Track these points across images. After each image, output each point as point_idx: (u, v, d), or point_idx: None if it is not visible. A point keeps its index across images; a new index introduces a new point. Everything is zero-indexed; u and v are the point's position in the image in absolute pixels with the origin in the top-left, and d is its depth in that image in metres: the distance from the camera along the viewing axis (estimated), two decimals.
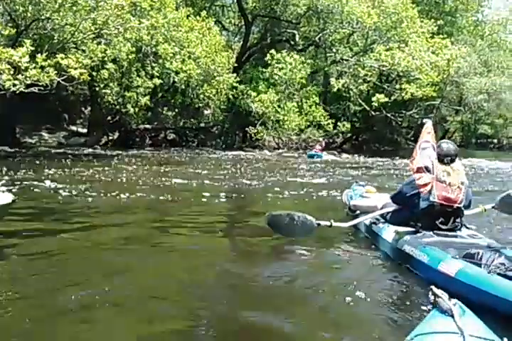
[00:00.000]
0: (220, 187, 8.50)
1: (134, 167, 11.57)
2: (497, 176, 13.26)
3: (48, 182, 7.85)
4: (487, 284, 2.80)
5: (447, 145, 3.97)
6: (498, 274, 2.84)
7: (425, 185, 3.87)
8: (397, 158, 18.78)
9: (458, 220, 3.91)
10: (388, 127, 28.03)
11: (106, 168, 11.07)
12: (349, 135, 27.14)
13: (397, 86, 21.20)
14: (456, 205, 3.84)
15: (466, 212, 4.16)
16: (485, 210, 4.80)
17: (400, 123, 27.13)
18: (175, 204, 6.79)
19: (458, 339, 1.64)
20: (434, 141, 4.19)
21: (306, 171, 12.65)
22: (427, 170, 3.94)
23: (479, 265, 3.01)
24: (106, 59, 14.69)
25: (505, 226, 5.35)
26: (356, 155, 20.94)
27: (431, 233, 3.76)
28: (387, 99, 20.69)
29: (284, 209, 4.62)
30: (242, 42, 24.53)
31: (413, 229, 3.90)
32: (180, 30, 16.09)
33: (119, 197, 6.78)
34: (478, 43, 26.15)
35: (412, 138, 30.20)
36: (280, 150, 22.06)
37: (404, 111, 24.75)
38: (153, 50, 16.21)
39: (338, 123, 22.64)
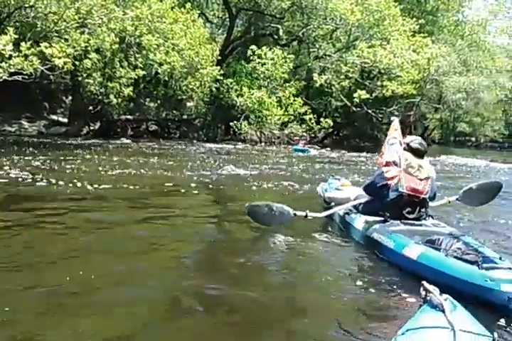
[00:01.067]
0: (200, 179, 8.63)
1: (115, 158, 11.61)
2: (472, 173, 13.68)
3: (21, 171, 7.87)
4: (444, 266, 3.11)
5: (420, 142, 4.30)
6: (455, 257, 3.15)
7: (392, 178, 4.15)
8: (376, 153, 19.11)
9: (423, 210, 4.19)
10: (369, 123, 28.42)
11: (87, 158, 11.13)
12: (330, 130, 27.47)
13: (379, 83, 21.58)
14: (422, 196, 4.13)
15: (432, 204, 4.49)
16: (449, 202, 5.17)
17: (380, 119, 27.52)
18: (153, 194, 6.89)
19: (449, 334, 1.64)
20: (401, 137, 4.49)
21: (287, 165, 12.86)
22: (395, 164, 4.23)
23: (439, 249, 3.31)
24: (89, 49, 14.61)
25: (466, 216, 5.70)
26: (336, 151, 21.23)
27: (398, 222, 4.04)
28: (368, 96, 21.02)
29: (262, 201, 4.85)
30: (225, 35, 24.56)
31: (382, 219, 4.17)
32: (165, 22, 16.06)
33: (94, 186, 6.81)
34: (458, 43, 26.64)
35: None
36: (262, 145, 22.23)
37: (384, 108, 25.12)
38: (137, 41, 16.17)
39: (321, 120, 22.88)
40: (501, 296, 2.70)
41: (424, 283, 2.00)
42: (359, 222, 4.39)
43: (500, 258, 3.13)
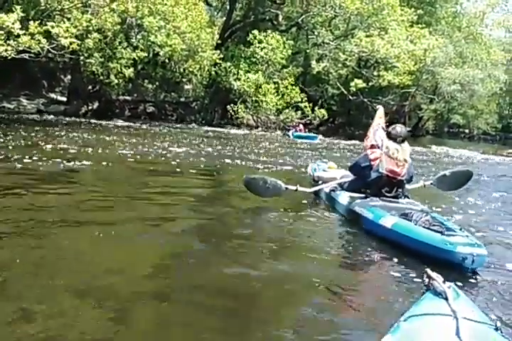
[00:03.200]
0: (196, 159, 9.02)
1: (113, 137, 11.93)
2: (461, 162, 14.17)
3: (21, 150, 8.17)
4: (414, 233, 3.70)
5: (400, 129, 4.71)
6: (424, 227, 3.73)
7: (375, 159, 4.65)
8: None
9: (400, 190, 4.70)
10: (364, 112, 28.69)
11: (85, 137, 11.45)
12: (325, 118, 27.79)
13: (375, 72, 21.83)
14: (399, 177, 4.62)
15: (408, 186, 5.03)
16: (424, 186, 5.75)
17: (375, 108, 27.85)
18: (150, 172, 7.21)
19: (451, 322, 1.64)
20: (384, 124, 5.10)
21: (280, 148, 13.27)
22: (378, 147, 4.73)
23: (410, 220, 3.89)
24: (91, 28, 14.78)
25: (437, 198, 6.32)
26: (330, 138, 21.59)
27: (377, 198, 4.57)
28: (364, 85, 21.32)
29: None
30: (225, 19, 24.66)
31: (363, 195, 4.71)
32: (166, 4, 16.24)
33: (90, 165, 7.07)
34: (455, 35, 26.84)
35: (387, 124, 31.11)
36: (258, 129, 22.54)
37: (380, 97, 25.40)
38: (138, 22, 16.35)
39: (316, 109, 23.20)
40: (457, 256, 3.32)
41: (428, 270, 2.00)
42: (343, 197, 4.92)
43: (460, 229, 3.70)
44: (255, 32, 20.43)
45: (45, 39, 10.00)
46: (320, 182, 5.83)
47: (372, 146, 4.82)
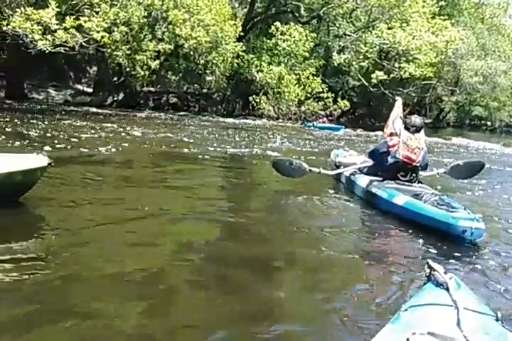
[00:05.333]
0: (218, 148, 9.45)
1: (139, 127, 12.36)
2: (480, 154, 14.29)
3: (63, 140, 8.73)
4: (422, 209, 4.18)
5: (415, 119, 5.13)
6: (431, 205, 4.18)
7: (394, 145, 5.06)
8: None
9: (414, 175, 5.11)
10: (385, 103, 28.69)
11: (113, 127, 11.97)
12: (346, 109, 27.94)
13: (396, 64, 21.90)
14: (414, 164, 5.04)
15: (423, 173, 5.51)
16: (438, 174, 6.21)
17: (395, 99, 27.82)
18: (178, 160, 7.68)
19: (452, 312, 1.64)
20: (402, 114, 5.52)
21: (301, 139, 13.61)
22: (396, 134, 5.14)
23: (420, 200, 4.34)
24: (118, 21, 15.24)
25: (449, 185, 6.72)
26: (351, 129, 21.77)
27: (393, 182, 5.00)
28: (385, 77, 21.44)
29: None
30: (247, 11, 24.91)
31: (380, 179, 5.16)
32: None
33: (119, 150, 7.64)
34: (478, 26, 26.64)
35: (407, 116, 30.98)
36: (279, 120, 22.85)
37: (401, 89, 25.41)
38: (164, 15, 16.77)
39: (339, 100, 23.40)
40: (458, 229, 3.78)
41: (429, 261, 2.02)
42: (362, 180, 5.40)
43: (464, 209, 4.12)
44: (277, 24, 20.68)
45: (77, 33, 10.48)
46: (341, 166, 6.27)
47: (391, 134, 5.24)
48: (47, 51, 10.05)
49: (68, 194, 4.52)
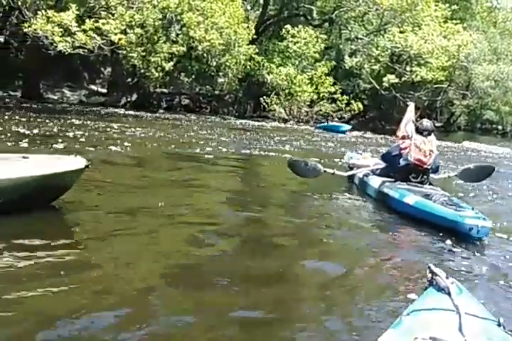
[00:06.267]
0: (230, 149, 9.66)
1: (152, 128, 12.60)
2: (490, 158, 14.37)
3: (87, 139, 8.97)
4: (431, 208, 4.40)
5: (426, 123, 5.36)
6: (441, 204, 4.39)
7: (405, 148, 5.28)
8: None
9: (425, 177, 5.34)
10: (396, 107, 28.76)
11: (136, 127, 12.23)
12: (357, 112, 28.01)
13: (408, 68, 21.98)
14: (425, 166, 5.26)
15: (434, 176, 5.73)
16: (449, 177, 6.43)
17: (407, 104, 27.82)
18: (193, 161, 7.90)
19: (454, 317, 1.63)
20: (414, 118, 5.78)
21: (313, 141, 13.79)
22: (408, 137, 5.36)
23: (430, 199, 4.54)
24: (133, 23, 15.50)
25: (459, 187, 6.95)
26: (362, 132, 21.83)
27: (404, 183, 5.22)
28: (397, 80, 21.52)
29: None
30: (259, 14, 25.14)
31: (392, 180, 5.37)
32: (205, 0, 16.88)
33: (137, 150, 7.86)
34: (490, 30, 26.63)
35: (418, 119, 30.96)
36: (290, 122, 22.98)
37: (412, 92, 25.45)
38: (178, 18, 17.03)
39: (352, 102, 23.53)
40: (465, 227, 3.99)
41: (431, 265, 2.01)
42: (374, 181, 5.63)
43: (472, 209, 4.32)
44: (288, 26, 20.89)
45: (95, 35, 10.76)
46: (355, 168, 6.49)
47: (403, 137, 5.48)
48: (66, 53, 10.34)
49: (96, 196, 4.68)
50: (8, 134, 8.32)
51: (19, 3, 11.56)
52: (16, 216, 3.48)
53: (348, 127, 20.16)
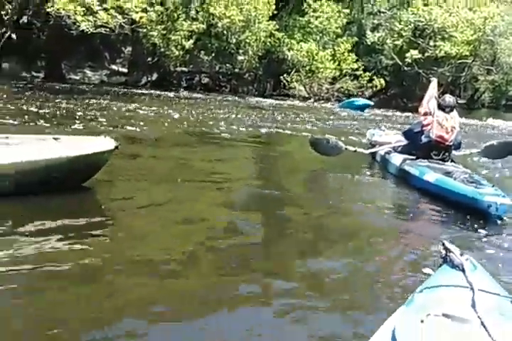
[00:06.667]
0: (250, 128, 9.75)
1: (174, 107, 12.70)
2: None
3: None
4: (452, 186, 4.44)
5: (449, 99, 5.36)
6: (461, 182, 4.41)
7: (428, 124, 5.28)
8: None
9: (447, 154, 5.35)
10: (418, 83, 28.17)
11: (158, 107, 12.30)
12: (378, 89, 27.55)
13: (432, 42, 21.45)
14: (447, 143, 5.28)
15: (457, 153, 5.77)
16: (471, 154, 6.50)
17: (430, 80, 27.26)
18: (215, 140, 7.98)
19: (467, 293, 1.62)
20: (436, 95, 5.70)
21: (334, 120, 13.73)
22: (430, 114, 5.35)
23: (450, 177, 4.57)
24: (154, 1, 15.41)
25: (482, 164, 6.90)
26: (384, 110, 21.53)
27: (425, 160, 5.23)
28: (420, 56, 21.08)
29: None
30: None
31: (414, 157, 5.40)
32: None
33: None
34: None
35: (440, 96, 30.26)
36: (311, 100, 22.74)
37: (435, 68, 24.89)
38: None
39: (374, 78, 23.15)
40: (484, 204, 4.00)
41: (445, 242, 1.99)
42: (396, 158, 5.67)
43: (492, 186, 4.34)
44: (310, 0, 20.50)
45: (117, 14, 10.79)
46: (376, 145, 6.51)
47: (425, 113, 5.45)
48: (89, 32, 10.43)
49: (125, 175, 4.81)
50: (32, 115, 8.50)
51: None
52: (50, 195, 3.60)
53: (371, 103, 19.78)
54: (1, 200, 3.34)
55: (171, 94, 18.79)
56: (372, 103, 19.90)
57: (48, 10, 11.97)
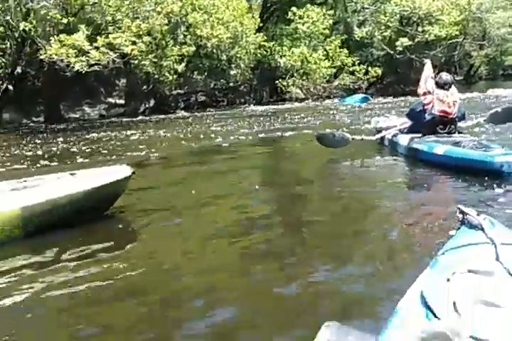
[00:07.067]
0: (255, 136, 9.83)
1: (173, 127, 12.80)
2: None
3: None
4: (461, 153, 4.52)
5: (446, 76, 5.53)
6: (470, 149, 4.49)
7: (429, 103, 5.42)
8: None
9: (452, 127, 5.49)
10: (412, 68, 28.09)
11: (157, 129, 12.35)
12: (373, 79, 27.50)
13: (420, 28, 21.42)
14: (450, 116, 5.41)
15: (462, 124, 5.95)
16: (478, 123, 6.73)
17: (423, 63, 27.18)
18: (218, 153, 8.06)
19: (490, 248, 1.61)
20: (432, 74, 5.78)
21: (334, 114, 13.80)
22: (430, 93, 5.46)
23: (459, 146, 4.68)
24: (141, 33, 15.48)
25: (489, 132, 7.10)
26: (382, 97, 21.43)
27: (432, 135, 5.35)
28: (410, 42, 21.07)
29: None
30: (262, 2, 24.77)
31: (420, 135, 5.53)
32: None
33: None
34: None
35: (436, 76, 30.07)
36: (309, 100, 22.65)
37: (427, 52, 24.83)
38: (183, 19, 16.97)
39: (369, 69, 23.15)
40: (495, 165, 4.10)
41: (460, 206, 2.00)
42: (403, 139, 5.83)
43: (502, 147, 4.45)
44: (294, 9, 20.56)
45: (109, 50, 10.90)
46: (383, 131, 6.62)
47: (424, 93, 5.56)
48: (83, 72, 10.59)
49: (142, 199, 4.85)
50: (40, 158, 8.48)
51: (31, 34, 11.77)
52: (74, 229, 3.68)
53: (370, 98, 19.66)
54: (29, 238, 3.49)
55: (170, 117, 18.95)
56: (371, 98, 19.77)
57: (41, 57, 12.08)
